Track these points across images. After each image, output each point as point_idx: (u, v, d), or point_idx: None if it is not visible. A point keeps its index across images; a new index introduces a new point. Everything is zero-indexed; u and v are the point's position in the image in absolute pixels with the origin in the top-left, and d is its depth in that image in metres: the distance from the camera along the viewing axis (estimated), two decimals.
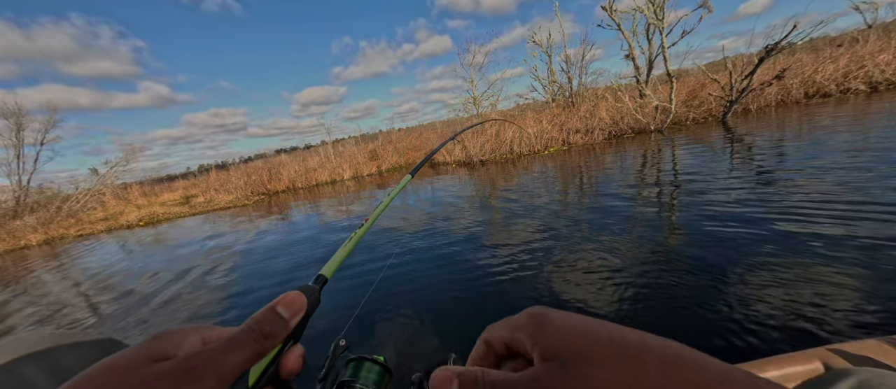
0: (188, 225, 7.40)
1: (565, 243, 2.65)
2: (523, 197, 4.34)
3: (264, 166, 12.08)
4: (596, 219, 3.06)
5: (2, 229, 10.05)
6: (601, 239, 2.60)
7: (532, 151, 9.12)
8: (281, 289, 2.90)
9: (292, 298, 0.26)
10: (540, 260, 2.42)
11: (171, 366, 0.20)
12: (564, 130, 9.26)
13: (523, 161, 8.17)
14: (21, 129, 14.98)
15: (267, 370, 0.24)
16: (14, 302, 3.78)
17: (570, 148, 8.76)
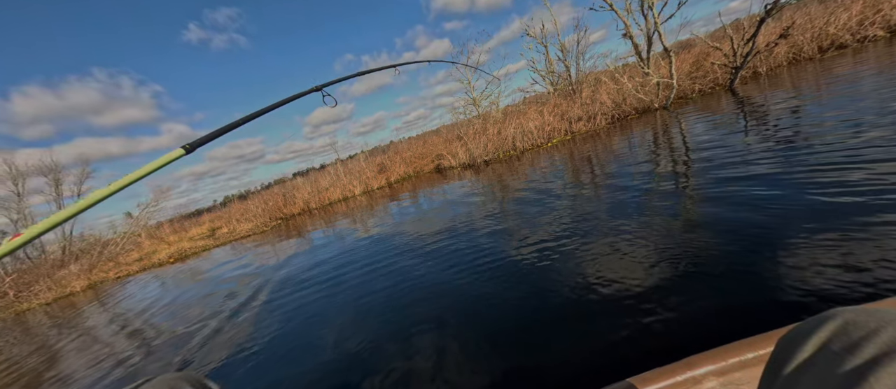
0: (213, 257, 7.79)
1: (590, 234, 2.58)
2: (536, 194, 4.31)
3: (279, 191, 12.54)
4: (615, 206, 3.01)
5: (50, 279, 10.90)
6: (626, 226, 2.53)
7: (535, 145, 9.07)
8: (299, 304, 3.05)
9: None
10: (568, 259, 2.33)
11: None
12: (566, 119, 9.15)
13: (527, 156, 8.14)
14: (59, 184, 16.19)
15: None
16: (70, 346, 4.12)
17: (573, 137, 8.65)
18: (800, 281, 1.48)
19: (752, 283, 1.56)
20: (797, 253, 1.65)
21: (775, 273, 1.57)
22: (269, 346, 2.41)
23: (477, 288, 2.29)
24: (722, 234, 1.99)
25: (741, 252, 1.79)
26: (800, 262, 1.59)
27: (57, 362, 3.60)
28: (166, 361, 2.74)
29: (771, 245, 1.76)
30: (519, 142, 9.25)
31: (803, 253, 1.64)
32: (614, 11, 10.81)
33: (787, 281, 1.50)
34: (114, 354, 3.30)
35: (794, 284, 1.48)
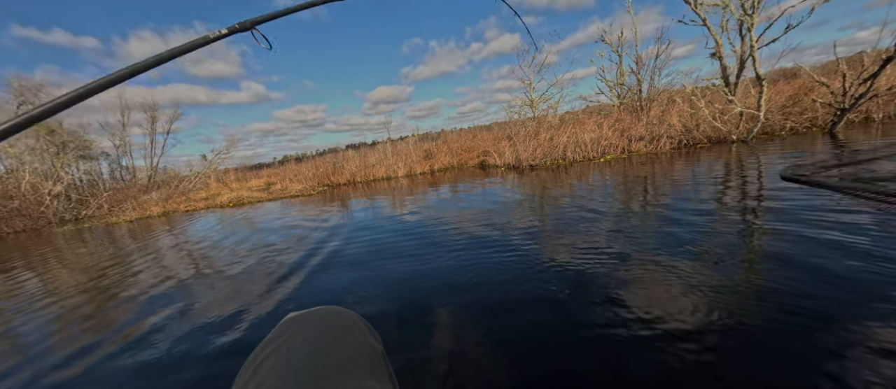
0: (265, 209, 8.53)
1: (627, 260, 2.44)
2: (578, 208, 4.11)
3: (331, 160, 13.30)
4: (662, 236, 2.79)
5: (135, 201, 12.70)
6: (670, 260, 2.32)
7: (587, 158, 8.64)
8: (327, 255, 3.27)
9: None
10: (598, 280, 2.21)
11: None
12: (626, 137, 8.58)
13: (577, 168, 7.78)
14: (154, 121, 18.63)
15: None
16: (145, 257, 4.81)
17: (630, 156, 8.10)
18: (864, 369, 1.28)
19: (790, 360, 1.38)
20: (857, 342, 1.42)
21: (827, 359, 1.37)
22: (286, 293, 2.62)
23: (495, 292, 2.26)
24: (776, 298, 1.77)
25: (789, 322, 1.58)
26: (859, 355, 1.37)
27: (131, 265, 4.22)
28: (208, 281, 3.08)
29: (828, 327, 1.53)
30: (570, 151, 8.87)
31: (866, 341, 1.41)
32: (707, 27, 9.85)
33: (846, 370, 1.31)
34: (171, 268, 3.79)
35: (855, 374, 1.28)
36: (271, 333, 0.40)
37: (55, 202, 13.12)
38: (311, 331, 0.38)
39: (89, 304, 3.12)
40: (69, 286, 3.83)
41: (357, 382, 0.33)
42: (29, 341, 2.50)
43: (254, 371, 0.34)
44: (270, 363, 0.34)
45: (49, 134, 14.22)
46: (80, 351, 2.20)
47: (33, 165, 13.90)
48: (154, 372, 1.85)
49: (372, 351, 0.40)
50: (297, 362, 0.33)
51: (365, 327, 0.44)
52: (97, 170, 16.91)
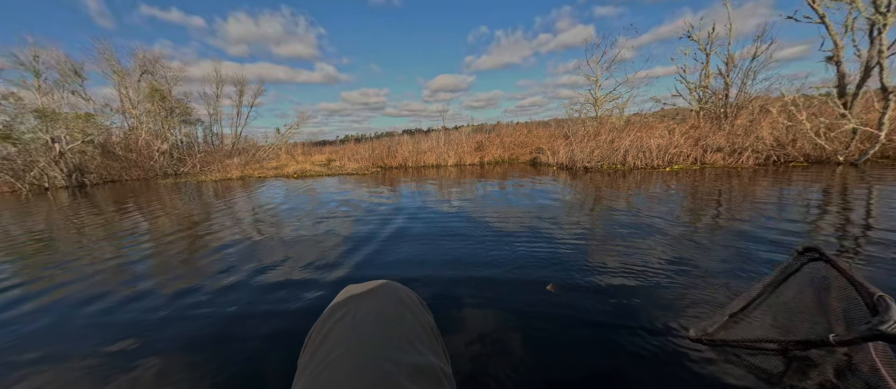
0: (324, 183, 9.27)
1: (691, 287, 2.12)
2: (634, 218, 3.80)
3: (386, 143, 13.90)
4: (733, 258, 2.47)
5: (220, 164, 14.57)
6: (741, 288, 1.99)
7: (650, 166, 7.94)
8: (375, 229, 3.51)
9: None
10: (653, 303, 1.97)
11: None
12: (700, 146, 7.70)
13: (636, 175, 7.22)
14: (242, 94, 20.97)
15: None
16: (226, 214, 5.57)
17: (702, 168, 7.27)
18: None
19: None
20: None
21: None
22: (334, 257, 2.87)
23: (536, 298, 2.14)
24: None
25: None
26: None
27: (215, 220, 4.93)
28: (274, 242, 3.49)
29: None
30: (632, 157, 8.23)
31: None
32: (824, 26, 8.37)
33: None
34: (246, 226, 4.35)
35: None
36: (334, 301, 0.42)
37: (162, 158, 15.59)
38: (372, 303, 0.40)
39: (181, 249, 3.71)
40: (168, 230, 4.58)
41: (421, 356, 0.34)
42: (137, 273, 3.07)
43: (324, 337, 0.36)
44: (339, 329, 0.36)
45: (162, 99, 16.77)
46: (173, 290, 2.66)
47: (148, 125, 16.57)
48: (223, 318, 2.18)
49: (427, 324, 0.41)
50: (365, 330, 0.35)
51: (419, 302, 0.45)
52: (194, 134, 19.65)
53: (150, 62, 17.33)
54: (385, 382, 0.29)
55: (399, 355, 0.32)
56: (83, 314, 2.24)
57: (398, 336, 0.35)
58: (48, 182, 11.83)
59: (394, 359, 0.31)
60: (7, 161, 11.46)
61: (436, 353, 0.37)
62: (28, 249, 3.98)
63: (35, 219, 5.91)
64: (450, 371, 0.37)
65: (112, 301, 2.43)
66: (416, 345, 0.35)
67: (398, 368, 0.30)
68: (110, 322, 2.13)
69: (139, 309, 2.29)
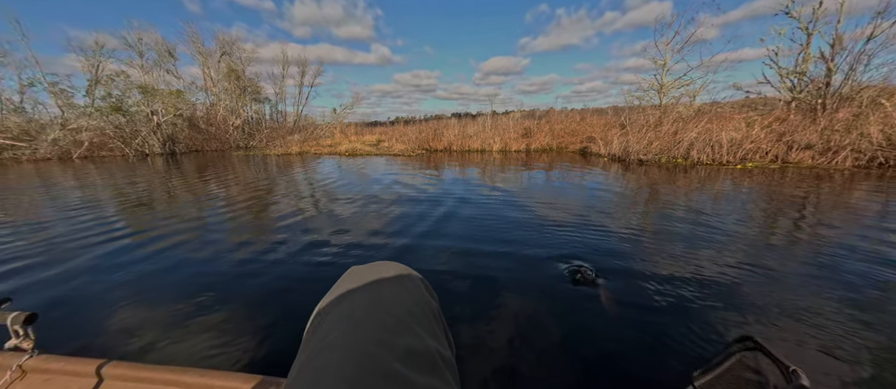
0: (372, 162, 9.73)
1: (770, 308, 1.87)
2: (695, 219, 3.45)
3: (433, 126, 14.07)
4: (821, 268, 2.22)
5: (282, 140, 15.90)
6: (832, 306, 1.83)
7: (718, 162, 7.14)
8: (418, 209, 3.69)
9: None
10: (714, 318, 1.78)
11: None
12: (784, 142, 6.72)
13: (700, 172, 6.56)
14: (303, 75, 22.41)
15: None
16: (287, 186, 6.18)
17: (783, 167, 6.37)
18: None
19: None
20: None
21: None
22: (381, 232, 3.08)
23: (582, 302, 1.98)
24: None
25: None
26: None
27: (278, 190, 5.50)
28: (327, 214, 3.84)
29: None
30: (696, 151, 7.45)
31: None
32: None
33: None
34: (304, 197, 4.81)
35: None
36: (336, 283, 0.43)
37: (235, 132, 17.41)
38: (373, 285, 0.40)
39: (250, 212, 4.22)
40: (240, 196, 5.21)
41: (417, 339, 0.33)
42: (214, 233, 3.57)
43: (322, 318, 0.36)
44: (336, 312, 0.36)
45: (237, 79, 18.56)
46: (243, 246, 3.07)
47: (225, 102, 18.50)
48: (283, 278, 2.49)
49: (428, 307, 0.41)
50: (360, 314, 0.35)
51: (422, 283, 0.45)
52: (262, 111, 21.55)
53: (228, 44, 19.16)
54: (375, 367, 0.29)
55: (393, 338, 0.32)
56: (171, 263, 2.70)
57: (394, 319, 0.35)
58: (148, 149, 13.88)
59: (387, 343, 0.31)
60: (119, 129, 13.61)
61: (435, 336, 0.37)
62: (136, 206, 4.78)
63: (140, 181, 7.03)
64: (449, 354, 0.37)
65: (194, 254, 2.87)
66: (414, 328, 0.35)
67: (391, 352, 0.31)
68: (191, 271, 2.54)
69: (214, 263, 2.68)
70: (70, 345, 1.66)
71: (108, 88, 14.37)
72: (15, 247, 3.02)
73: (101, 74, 15.32)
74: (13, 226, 3.68)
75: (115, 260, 2.70)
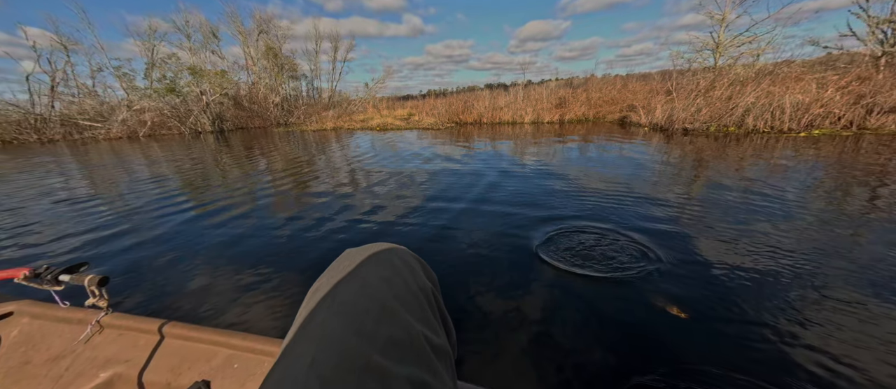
0: (404, 137, 9.86)
1: (822, 304, 1.65)
2: (747, 195, 3.12)
3: (462, 98, 13.82)
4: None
5: (318, 115, 16.46)
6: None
7: (777, 129, 6.41)
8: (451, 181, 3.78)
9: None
10: (770, 310, 1.60)
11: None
12: (864, 105, 5.86)
13: (755, 141, 5.96)
14: (336, 50, 22.68)
15: None
16: (324, 160, 6.50)
17: (858, 134, 5.59)
18: None
19: None
20: None
21: None
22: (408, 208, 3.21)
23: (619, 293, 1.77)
24: None
25: None
26: None
27: (317, 164, 5.83)
28: (360, 188, 4.04)
29: None
30: (752, 118, 6.72)
31: None
32: None
33: None
34: (340, 172, 5.06)
35: None
36: (330, 265, 0.42)
37: (275, 109, 18.29)
38: (360, 269, 0.39)
39: (296, 187, 4.53)
40: (282, 170, 5.57)
41: (401, 325, 0.33)
42: (261, 203, 3.90)
43: (309, 302, 0.36)
44: (320, 298, 0.36)
45: (274, 56, 19.21)
46: (291, 220, 3.34)
47: (265, 80, 19.34)
48: (325, 246, 2.71)
49: (420, 290, 0.40)
50: (344, 299, 0.34)
51: (418, 265, 0.44)
52: (299, 88, 22.29)
53: (265, 22, 19.73)
54: (352, 361, 0.28)
55: (375, 327, 0.31)
56: (230, 233, 3.01)
57: (379, 306, 0.34)
58: (200, 127, 15.03)
59: (368, 333, 0.31)
60: (174, 109, 14.81)
61: (425, 321, 0.36)
62: (195, 180, 5.30)
63: (196, 157, 7.72)
64: (440, 340, 0.36)
65: (242, 223, 3.18)
66: (400, 314, 0.34)
67: (371, 343, 0.30)
68: (246, 241, 2.82)
69: (262, 233, 2.96)
70: (140, 305, 1.94)
71: (162, 70, 15.56)
72: (100, 218, 3.52)
73: (155, 58, 16.56)
74: (100, 199, 4.26)
75: (181, 230, 3.06)
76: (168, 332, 0.93)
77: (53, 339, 0.98)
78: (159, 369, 0.87)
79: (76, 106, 15.15)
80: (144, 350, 0.91)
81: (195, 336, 0.90)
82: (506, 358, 1.40)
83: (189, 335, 0.91)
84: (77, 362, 0.91)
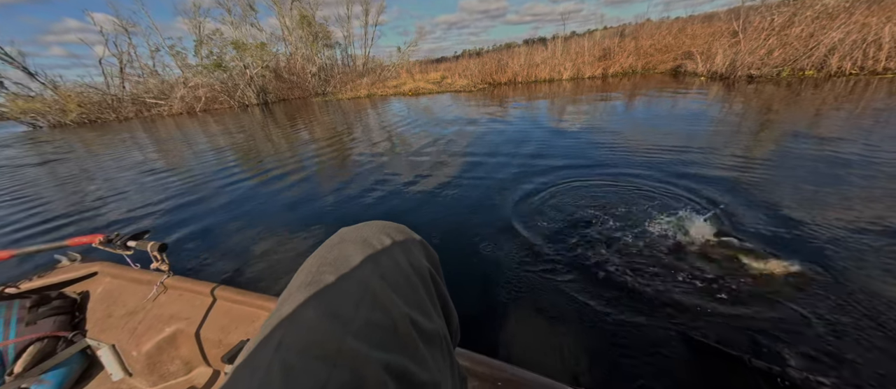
0: (436, 100, 9.75)
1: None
2: (825, 150, 2.69)
3: (496, 57, 13.16)
4: None
5: (352, 83, 16.66)
6: None
7: (871, 71, 5.42)
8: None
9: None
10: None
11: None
12: None
13: (837, 85, 5.13)
14: (367, 13, 22.32)
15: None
16: (361, 129, 6.72)
17: None
18: None
19: None
20: None
21: None
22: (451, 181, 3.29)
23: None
24: None
25: None
26: None
27: (355, 133, 6.05)
28: (395, 155, 4.18)
29: None
30: (838, 57, 5.71)
31: None
32: None
33: None
34: (376, 140, 5.23)
35: None
36: (322, 244, 0.39)
37: (313, 79, 18.77)
38: (345, 247, 0.37)
39: (338, 157, 4.73)
40: (323, 139, 5.85)
41: (383, 308, 0.31)
42: (306, 171, 4.18)
43: (292, 281, 0.35)
44: (300, 277, 0.34)
45: (308, 25, 19.39)
46: (336, 190, 3.58)
47: (302, 51, 19.74)
48: (359, 207, 2.90)
49: (414, 271, 0.37)
50: (323, 280, 0.32)
51: (415, 244, 0.42)
52: (333, 56, 22.51)
53: None
54: (322, 346, 0.26)
55: (352, 310, 0.29)
56: (276, 196, 3.31)
57: (361, 287, 0.32)
58: (246, 100, 15.95)
59: (343, 316, 0.29)
60: (224, 84, 15.78)
61: (415, 304, 0.34)
62: (247, 152, 5.76)
63: (246, 129, 8.31)
64: (434, 324, 0.35)
65: (293, 190, 3.47)
66: (387, 295, 0.32)
67: (345, 325, 0.28)
68: (294, 206, 3.10)
69: (310, 200, 3.22)
70: (204, 266, 2.16)
71: (209, 47, 16.44)
72: (171, 188, 4.00)
73: (202, 34, 17.47)
74: (171, 171, 4.82)
75: (239, 199, 3.39)
76: (219, 295, 1.03)
77: (128, 297, 1.14)
78: (212, 327, 0.98)
79: (142, 85, 16.70)
80: (200, 310, 1.02)
81: (241, 299, 1.00)
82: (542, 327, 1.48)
83: (236, 298, 1.01)
84: (147, 317, 1.05)
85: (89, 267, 1.24)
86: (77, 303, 1.17)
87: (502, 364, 0.72)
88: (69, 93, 15.71)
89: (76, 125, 15.07)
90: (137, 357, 1.00)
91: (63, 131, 13.20)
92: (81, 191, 4.13)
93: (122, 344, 1.03)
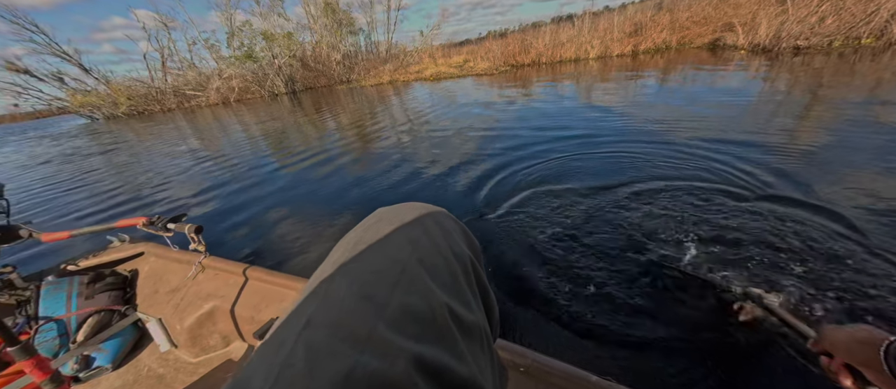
0: (457, 85, 9.71)
1: None
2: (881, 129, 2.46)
3: (519, 38, 12.77)
4: None
5: (375, 70, 16.83)
6: None
7: None
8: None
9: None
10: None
11: None
12: None
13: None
14: None
15: None
16: (385, 116, 6.88)
17: None
18: None
19: None
20: None
21: None
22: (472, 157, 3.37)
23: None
24: None
25: None
26: None
27: (380, 120, 6.20)
28: (420, 141, 4.29)
29: None
30: None
31: None
32: None
33: None
34: (401, 127, 5.37)
35: None
36: (359, 223, 0.38)
37: (338, 67, 19.11)
38: (382, 226, 0.35)
39: (358, 141, 4.91)
40: (350, 127, 6.04)
41: (420, 293, 0.29)
42: (333, 158, 4.39)
43: (327, 258, 0.33)
44: (336, 255, 0.32)
45: (332, 12, 19.63)
46: (362, 177, 3.77)
47: (326, 38, 20.07)
48: (378, 193, 3.05)
49: (455, 257, 0.35)
50: (360, 257, 0.31)
51: (457, 229, 0.39)
52: (357, 43, 22.72)
53: None
54: (350, 330, 0.24)
55: (387, 292, 0.27)
56: (306, 180, 3.53)
57: (399, 267, 0.30)
58: (275, 89, 16.56)
59: (377, 298, 0.27)
60: (254, 74, 16.45)
61: (455, 293, 0.32)
62: (279, 140, 6.08)
63: (277, 117, 8.71)
64: (474, 316, 0.32)
65: (323, 174, 3.68)
66: (423, 280, 0.30)
67: (378, 310, 0.26)
68: (323, 190, 3.30)
69: (338, 186, 3.41)
70: (241, 246, 2.32)
71: (240, 37, 17.11)
72: (210, 174, 4.35)
73: (234, 26, 18.18)
74: (211, 159, 5.20)
75: (269, 184, 3.63)
76: (251, 275, 1.09)
77: (171, 275, 1.22)
78: (245, 305, 1.04)
79: (181, 78, 17.75)
80: (234, 289, 1.09)
81: (271, 280, 1.06)
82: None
83: (266, 278, 1.07)
84: (188, 295, 1.14)
85: (136, 248, 1.34)
86: (128, 280, 1.29)
87: (524, 349, 0.70)
88: (119, 87, 17.03)
89: (127, 116, 16.39)
90: (181, 330, 1.10)
91: (116, 123, 14.40)
92: (133, 176, 4.59)
93: (168, 319, 1.13)
